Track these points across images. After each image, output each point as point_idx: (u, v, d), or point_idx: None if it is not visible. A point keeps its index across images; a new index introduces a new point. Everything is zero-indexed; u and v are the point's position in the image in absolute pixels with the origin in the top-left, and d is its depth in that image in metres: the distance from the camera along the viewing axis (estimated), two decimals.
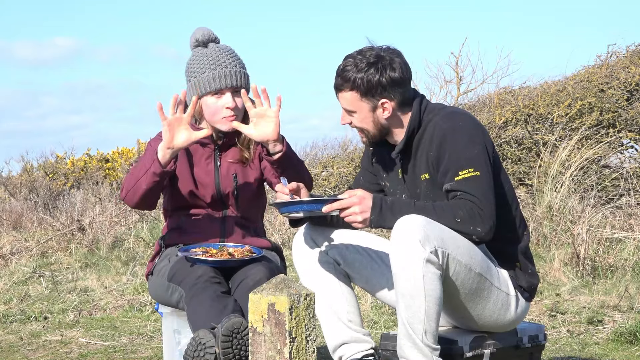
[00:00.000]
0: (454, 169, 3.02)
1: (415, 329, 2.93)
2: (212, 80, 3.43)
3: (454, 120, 3.11)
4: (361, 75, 3.08)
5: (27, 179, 12.50)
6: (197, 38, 3.52)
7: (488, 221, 2.98)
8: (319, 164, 10.36)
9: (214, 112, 3.45)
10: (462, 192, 2.99)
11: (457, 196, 3.00)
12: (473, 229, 2.97)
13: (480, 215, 2.97)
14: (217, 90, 3.43)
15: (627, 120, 9.22)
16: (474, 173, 3.00)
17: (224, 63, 3.45)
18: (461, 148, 3.03)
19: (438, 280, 2.93)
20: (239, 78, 3.45)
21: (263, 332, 2.81)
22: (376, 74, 3.07)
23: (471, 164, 3.01)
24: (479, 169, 3.01)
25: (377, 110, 3.13)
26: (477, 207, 2.97)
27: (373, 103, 3.11)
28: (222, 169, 3.55)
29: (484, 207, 2.98)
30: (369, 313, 5.28)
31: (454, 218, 2.96)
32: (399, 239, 2.92)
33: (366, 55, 3.11)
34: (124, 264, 7.34)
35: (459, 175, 3.00)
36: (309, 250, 3.31)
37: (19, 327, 5.35)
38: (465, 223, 2.96)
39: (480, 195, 2.98)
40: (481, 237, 2.99)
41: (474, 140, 3.06)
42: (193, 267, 3.36)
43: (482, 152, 3.05)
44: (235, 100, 3.44)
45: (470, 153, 3.03)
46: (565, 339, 4.72)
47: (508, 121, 9.25)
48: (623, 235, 6.97)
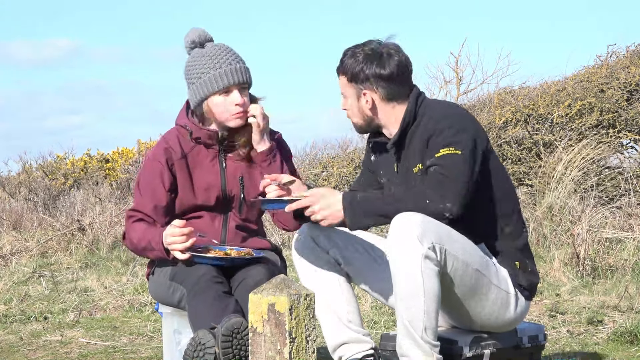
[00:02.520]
0: (437, 148, 3.06)
1: (414, 326, 2.93)
2: (219, 78, 3.43)
3: (449, 109, 3.20)
4: (351, 61, 3.21)
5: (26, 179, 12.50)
6: (193, 39, 3.50)
7: (454, 194, 2.98)
8: (319, 164, 10.36)
9: (223, 110, 3.45)
10: (437, 165, 3.03)
11: (430, 170, 3.05)
12: (442, 206, 2.97)
13: (447, 187, 2.98)
14: (225, 88, 3.43)
15: (627, 121, 9.21)
16: (454, 151, 3.04)
17: (227, 61, 3.44)
18: (451, 131, 3.08)
19: (436, 276, 2.94)
20: (243, 74, 3.46)
21: (263, 332, 2.81)
22: (364, 66, 3.19)
23: (454, 144, 3.05)
24: (461, 149, 3.05)
25: (361, 99, 3.22)
26: (445, 178, 3.00)
27: (357, 91, 3.22)
28: (229, 171, 3.53)
29: (453, 179, 3.00)
30: (369, 313, 5.28)
31: (424, 200, 2.98)
32: (396, 236, 2.93)
33: (366, 46, 3.23)
34: (124, 264, 7.33)
35: (439, 152, 3.05)
36: (309, 251, 3.31)
37: (19, 327, 5.34)
38: (434, 201, 2.97)
39: (452, 169, 3.01)
40: (450, 211, 2.98)
41: (464, 128, 3.10)
42: (195, 266, 3.36)
43: (469, 138, 3.08)
44: (243, 97, 3.45)
45: (457, 136, 3.07)
46: (565, 339, 4.72)
47: (508, 121, 9.25)
48: (623, 236, 6.97)
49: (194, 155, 3.53)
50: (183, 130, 3.52)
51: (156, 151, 3.54)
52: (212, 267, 3.37)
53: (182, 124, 3.53)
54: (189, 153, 3.52)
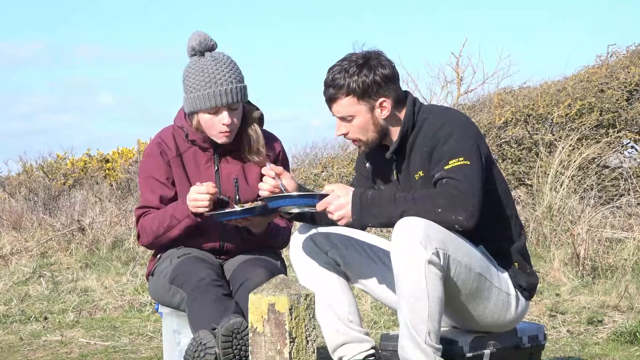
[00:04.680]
0: (445, 159, 3.02)
1: (418, 330, 2.93)
2: (208, 99, 3.44)
3: (448, 116, 3.14)
4: (355, 78, 3.07)
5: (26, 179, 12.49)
6: (194, 46, 3.50)
7: (470, 208, 2.95)
8: (319, 164, 10.35)
9: (210, 127, 3.49)
10: (448, 178, 2.99)
11: (442, 182, 3.00)
12: (454, 218, 2.94)
13: (461, 201, 2.94)
14: (214, 109, 3.45)
15: (627, 120, 9.21)
16: (464, 162, 3.00)
17: (220, 80, 3.44)
18: (454, 139, 3.04)
19: (440, 281, 2.93)
20: (234, 95, 3.45)
21: (263, 332, 2.81)
22: (370, 74, 3.07)
23: (462, 153, 3.02)
24: (470, 159, 3.01)
25: (376, 111, 3.12)
26: (460, 193, 2.95)
27: (370, 104, 3.11)
28: (223, 173, 3.56)
29: (468, 193, 2.95)
30: (369, 313, 5.28)
31: (435, 208, 2.94)
32: (400, 240, 2.92)
33: (352, 59, 3.11)
34: (124, 264, 7.33)
35: (448, 164, 3.01)
36: (308, 251, 3.31)
37: (19, 327, 5.35)
38: (447, 212, 2.94)
39: (465, 182, 2.97)
40: (463, 225, 2.96)
41: (467, 134, 3.07)
42: (195, 269, 3.36)
43: (474, 145, 3.06)
44: (231, 117, 3.47)
45: (463, 144, 3.04)
46: (565, 339, 4.72)
47: (508, 121, 9.25)
48: (623, 235, 6.96)
49: (190, 155, 3.56)
50: (180, 131, 3.56)
51: (150, 147, 3.61)
52: (212, 270, 3.37)
53: (179, 124, 3.58)
54: (185, 153, 3.57)
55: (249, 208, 3.33)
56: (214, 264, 3.49)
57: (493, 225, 3.15)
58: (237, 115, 3.49)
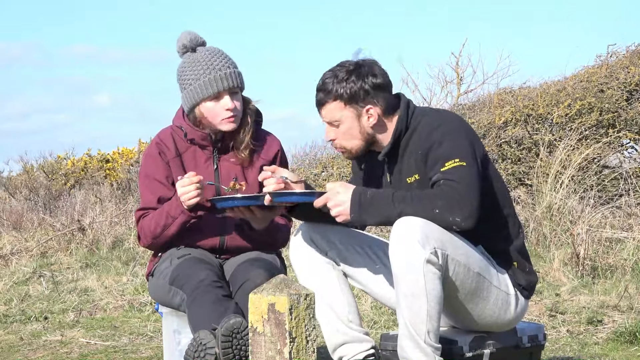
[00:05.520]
0: (441, 161, 3.02)
1: (418, 330, 2.94)
2: (209, 85, 3.46)
3: (442, 118, 3.14)
4: (343, 84, 3.09)
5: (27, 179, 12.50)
6: (185, 44, 3.53)
7: (467, 209, 2.95)
8: (319, 164, 10.35)
9: (214, 115, 3.49)
10: (445, 179, 2.99)
11: (439, 184, 3.00)
12: (452, 219, 2.95)
13: (459, 202, 2.95)
14: (215, 94, 3.45)
15: (627, 121, 9.21)
16: (459, 163, 3.00)
17: (218, 66, 3.47)
18: (450, 141, 3.05)
19: (438, 280, 2.94)
20: (234, 79, 3.49)
21: (263, 332, 2.82)
22: (358, 81, 3.09)
23: (458, 155, 3.02)
24: (465, 160, 3.01)
25: (362, 118, 3.13)
26: (458, 194, 2.95)
27: (357, 111, 3.12)
28: (222, 171, 3.57)
29: (465, 194, 2.96)
30: (369, 313, 5.28)
31: (432, 209, 2.95)
32: (398, 240, 2.93)
33: (344, 65, 3.13)
34: (124, 264, 7.34)
35: (445, 166, 3.01)
36: (308, 251, 3.31)
37: (19, 327, 5.35)
38: (444, 213, 2.94)
39: (462, 183, 2.97)
40: (461, 226, 2.96)
41: (461, 135, 3.08)
42: (195, 270, 3.37)
43: (469, 146, 3.06)
44: (234, 101, 3.47)
45: (458, 146, 3.04)
46: (565, 339, 4.73)
47: (508, 121, 9.25)
48: (623, 235, 6.96)
49: (189, 155, 3.57)
50: (179, 130, 3.57)
51: (149, 148, 3.62)
52: (212, 271, 3.38)
53: (177, 124, 3.60)
54: (184, 153, 3.57)
55: (250, 195, 3.31)
56: (213, 264, 3.49)
57: (491, 224, 3.15)
58: (238, 100, 3.51)
